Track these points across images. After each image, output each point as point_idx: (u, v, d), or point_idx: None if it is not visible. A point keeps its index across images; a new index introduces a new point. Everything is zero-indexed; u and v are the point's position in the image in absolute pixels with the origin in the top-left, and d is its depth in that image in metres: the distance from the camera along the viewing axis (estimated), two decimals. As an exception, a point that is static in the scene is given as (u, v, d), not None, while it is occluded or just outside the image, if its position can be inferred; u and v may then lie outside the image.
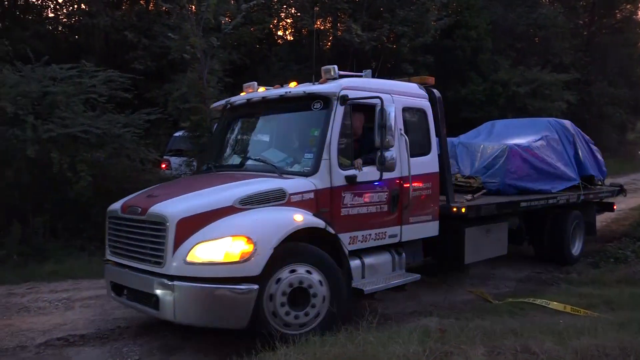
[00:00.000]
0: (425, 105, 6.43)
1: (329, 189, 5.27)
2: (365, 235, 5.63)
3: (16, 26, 16.07)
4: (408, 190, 5.92)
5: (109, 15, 15.58)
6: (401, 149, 5.87)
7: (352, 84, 5.67)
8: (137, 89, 11.49)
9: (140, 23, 16.01)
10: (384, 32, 16.04)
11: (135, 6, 17.96)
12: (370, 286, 5.48)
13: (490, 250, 7.46)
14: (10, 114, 8.31)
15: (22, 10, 18.51)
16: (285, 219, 4.89)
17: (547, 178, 8.62)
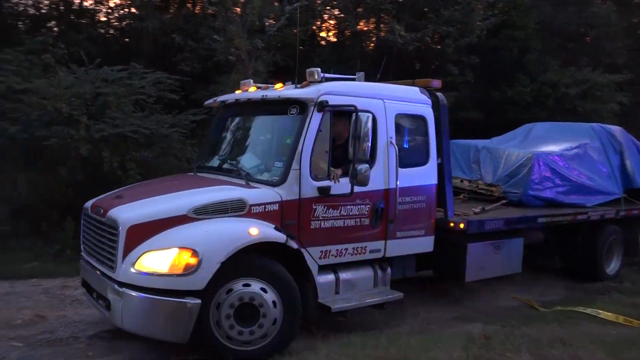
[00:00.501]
0: (425, 111, 6.00)
1: (297, 201, 4.97)
2: (340, 249, 5.30)
3: (71, 30, 16.73)
4: (394, 203, 5.55)
5: (158, 18, 16.00)
6: (390, 159, 5.54)
7: (335, 89, 5.28)
8: (183, 90, 11.76)
9: (187, 26, 16.36)
10: (428, 33, 15.83)
11: (183, 9, 18.38)
12: (341, 304, 5.18)
13: (499, 268, 6.83)
14: (66, 114, 8.67)
15: (77, 15, 19.25)
16: (237, 232, 4.64)
17: (580, 191, 7.93)
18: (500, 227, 6.67)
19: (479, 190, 8.06)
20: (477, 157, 8.27)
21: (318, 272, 5.13)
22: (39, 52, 10.23)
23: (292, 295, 4.79)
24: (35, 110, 8.78)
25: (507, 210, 7.35)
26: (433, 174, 6.01)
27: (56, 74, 9.51)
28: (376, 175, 5.41)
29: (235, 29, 10.36)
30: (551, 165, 7.70)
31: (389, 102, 5.65)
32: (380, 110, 5.53)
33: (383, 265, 5.69)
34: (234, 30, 10.38)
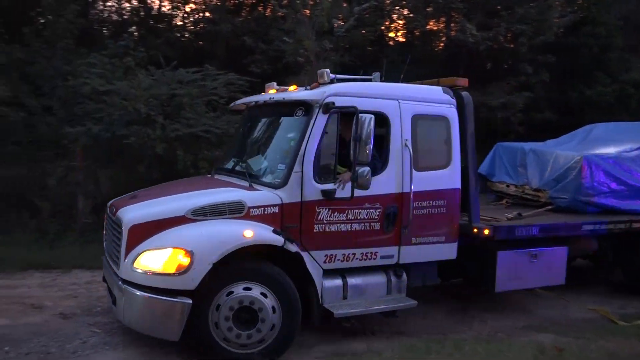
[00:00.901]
0: (447, 112, 5.68)
1: (298, 204, 4.90)
2: (348, 254, 5.16)
3: (150, 34, 17.58)
4: (408, 207, 5.31)
5: (231, 22, 16.50)
6: (405, 162, 5.34)
7: (343, 90, 5.17)
8: (253, 91, 12.03)
9: (258, 28, 16.76)
10: (501, 31, 15.32)
11: (254, 12, 18.84)
12: (345, 309, 5.04)
13: (537, 279, 6.35)
14: (144, 114, 9.14)
15: (155, 20, 20.21)
16: (231, 233, 4.64)
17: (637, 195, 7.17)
18: (534, 234, 6.22)
19: (524, 195, 7.57)
20: (524, 161, 7.76)
21: (323, 276, 5.04)
22: (121, 55, 10.84)
23: (291, 302, 4.77)
24: (116, 110, 9.32)
25: (550, 216, 6.87)
26: (455, 177, 5.69)
27: (136, 76, 10.04)
28: (388, 178, 5.29)
29: (304, 30, 10.49)
30: (604, 168, 7.10)
31: (405, 103, 5.45)
32: (395, 111, 5.37)
33: (398, 272, 5.46)
34: (303, 31, 10.52)
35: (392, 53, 18.44)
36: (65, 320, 5.63)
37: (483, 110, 15.88)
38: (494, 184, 8.24)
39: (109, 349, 4.80)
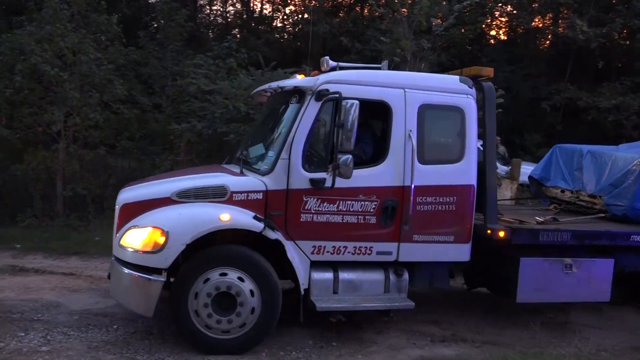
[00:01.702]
0: (462, 102, 5.20)
1: (284, 191, 4.75)
2: (338, 247, 4.91)
3: (251, 36, 18.33)
4: (409, 202, 4.94)
5: (328, 22, 16.75)
6: (406, 153, 4.98)
7: (340, 78, 4.97)
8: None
9: (354, 28, 16.88)
10: (616, 27, 14.19)
11: (352, 13, 18.97)
12: (329, 303, 4.81)
13: (572, 293, 5.62)
14: (243, 112, 9.54)
15: (257, 22, 21.01)
16: (207, 216, 4.61)
17: None
18: (564, 240, 5.48)
19: (579, 202, 6.86)
20: (580, 164, 7.04)
21: (313, 268, 4.88)
22: (224, 57, 11.39)
23: (270, 285, 4.68)
24: (218, 108, 9.82)
25: (596, 224, 6.15)
26: (469, 173, 5.20)
27: (237, 76, 10.51)
28: (388, 170, 4.98)
29: (402, 30, 10.39)
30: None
31: (411, 92, 5.09)
32: (399, 100, 5.04)
33: (398, 270, 5.11)
34: (400, 31, 10.41)
35: (493, 52, 17.78)
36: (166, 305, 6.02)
37: (592, 113, 14.82)
38: (548, 189, 7.50)
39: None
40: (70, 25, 10.32)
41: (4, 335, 4.61)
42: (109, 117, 10.46)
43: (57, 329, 4.88)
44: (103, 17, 11.22)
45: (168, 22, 12.93)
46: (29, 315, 5.28)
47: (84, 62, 9.85)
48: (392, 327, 5.40)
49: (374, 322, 5.51)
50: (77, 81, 9.91)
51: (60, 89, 9.55)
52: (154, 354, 4.43)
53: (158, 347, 4.63)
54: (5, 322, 4.91)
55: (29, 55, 9.47)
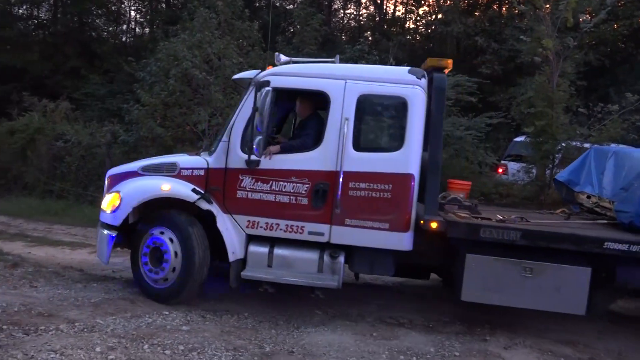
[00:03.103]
0: (406, 92, 5.30)
1: (222, 169, 5.44)
2: (271, 223, 5.37)
3: (383, 38, 18.39)
4: (339, 186, 5.18)
5: (462, 22, 16.24)
6: (340, 139, 5.25)
7: (282, 71, 5.56)
8: (481, 93, 11.69)
9: (491, 27, 16.17)
10: None
11: (488, 11, 18.19)
12: (254, 273, 5.34)
13: (533, 299, 5.13)
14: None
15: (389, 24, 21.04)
16: (152, 186, 5.57)
17: None
18: (513, 239, 5.05)
19: (596, 208, 6.26)
20: (604, 166, 6.26)
21: (251, 241, 5.43)
22: (356, 59, 11.58)
23: (189, 249, 5.37)
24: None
25: (579, 228, 5.52)
26: (407, 162, 5.27)
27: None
28: (321, 155, 5.31)
29: (544, 27, 9.72)
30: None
31: (352, 83, 5.38)
32: (338, 91, 5.36)
33: (334, 253, 5.34)
34: (543, 29, 9.75)
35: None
36: (292, 297, 6.30)
37: None
38: (578, 195, 6.80)
39: (328, 331, 5.19)
40: (217, 33, 11.21)
41: (152, 312, 5.15)
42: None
43: (195, 311, 5.34)
44: (246, 24, 12.01)
45: (304, 27, 13.46)
46: (173, 296, 5.84)
47: (227, 67, 10.66)
48: (520, 343, 5.10)
49: (500, 335, 5.25)
50: (221, 84, 10.75)
51: (206, 91, 10.43)
52: (279, 344, 4.66)
53: (283, 338, 4.86)
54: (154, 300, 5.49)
55: (181, 61, 10.48)
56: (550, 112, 9.25)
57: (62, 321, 4.66)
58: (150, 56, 13.29)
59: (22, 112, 15.46)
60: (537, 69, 10.23)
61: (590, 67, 12.65)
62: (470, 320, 5.64)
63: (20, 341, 4.12)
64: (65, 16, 23.64)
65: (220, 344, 4.42)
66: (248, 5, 13.28)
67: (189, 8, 13.45)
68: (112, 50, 21.83)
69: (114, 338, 4.29)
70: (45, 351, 3.89)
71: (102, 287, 5.93)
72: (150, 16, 25.33)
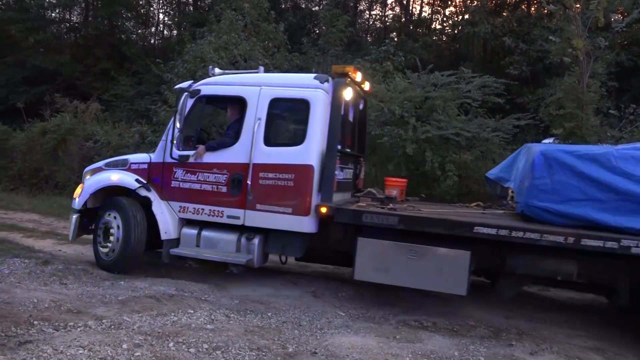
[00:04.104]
0: (309, 95, 6.13)
1: (160, 164, 6.56)
2: (197, 208, 6.39)
3: (409, 39, 18.27)
4: (252, 176, 6.11)
5: (490, 23, 16.03)
6: (255, 137, 6.16)
7: (210, 81, 6.73)
8: (509, 94, 11.53)
9: (519, 28, 15.92)
10: None
11: (516, 12, 17.91)
12: (180, 250, 6.40)
13: (417, 279, 5.68)
14: (398, 115, 9.58)
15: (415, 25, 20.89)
16: (106, 177, 6.88)
17: (636, 208, 5.18)
18: (392, 224, 5.66)
19: (510, 200, 6.61)
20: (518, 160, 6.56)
21: (185, 225, 6.53)
22: (381, 60, 11.54)
23: (130, 224, 6.46)
24: (374, 111, 9.98)
25: (465, 215, 6.07)
26: (308, 154, 6.03)
27: (393, 79, 10.57)
28: (238, 150, 6.26)
29: (574, 27, 9.53)
30: (577, 167, 5.47)
31: (266, 89, 6.33)
32: (254, 96, 6.31)
33: (249, 236, 6.19)
34: (573, 29, 9.56)
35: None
36: (315, 298, 6.30)
37: None
38: (507, 190, 6.99)
39: (351, 333, 5.17)
40: (243, 34, 11.31)
41: (177, 310, 5.22)
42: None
43: (220, 310, 5.39)
44: (272, 25, 12.09)
45: (329, 29, 13.48)
46: (198, 294, 5.91)
47: (253, 68, 10.72)
48: (547, 349, 5.00)
49: (526, 340, 5.16)
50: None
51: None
52: (302, 345, 4.66)
53: (306, 339, 4.86)
54: (179, 299, 5.56)
55: (208, 63, 10.59)
56: (580, 114, 9.07)
57: (90, 318, 4.76)
58: (178, 58, 13.49)
59: (54, 113, 15.87)
60: (567, 69, 10.04)
61: (621, 68, 12.34)
62: (495, 325, 5.56)
63: (50, 337, 4.22)
64: (96, 19, 24.15)
65: (244, 344, 4.45)
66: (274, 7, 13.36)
67: (215, 10, 13.62)
68: (141, 52, 22.23)
69: (140, 335, 4.36)
70: (74, 347, 3.97)
71: (129, 285, 6.03)
72: (177, 19, 25.70)
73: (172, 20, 26.83)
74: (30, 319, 4.50)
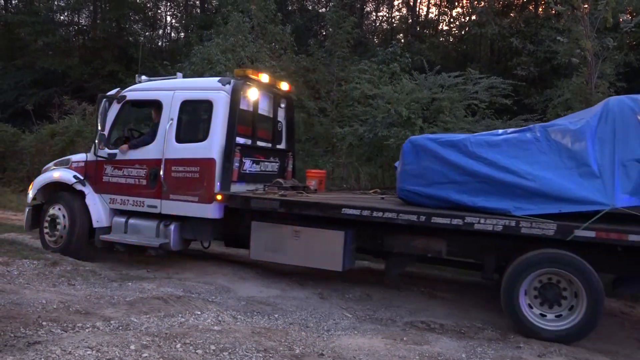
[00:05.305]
0: (212, 96, 6.89)
1: (94, 161, 7.38)
2: (123, 199, 7.24)
3: (416, 40, 18.24)
4: (165, 170, 6.91)
5: (497, 24, 15.97)
6: (168, 135, 6.95)
7: (135, 87, 7.58)
8: (516, 95, 11.48)
9: (527, 29, 15.85)
10: None
11: (524, 12, 17.83)
12: (108, 236, 7.19)
13: (301, 257, 6.43)
14: (405, 117, 9.56)
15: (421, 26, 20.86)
16: (49, 175, 7.76)
17: (506, 191, 5.51)
18: (275, 208, 6.43)
19: None
20: None
21: (116, 214, 7.32)
22: (388, 62, 11.52)
23: (74, 213, 7.33)
24: (380, 113, 9.97)
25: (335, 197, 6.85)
26: (210, 149, 6.78)
27: (400, 80, 10.56)
28: (154, 147, 7.08)
29: (582, 28, 9.47)
30: (437, 153, 5.87)
31: (179, 92, 7.13)
32: (168, 99, 7.10)
33: (166, 222, 6.97)
34: (581, 29, 9.51)
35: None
36: (322, 300, 6.30)
37: None
38: None
39: (358, 335, 5.16)
40: (250, 36, 11.33)
41: (184, 311, 5.24)
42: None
43: (227, 312, 5.40)
44: (278, 27, 12.11)
45: (336, 30, 13.49)
46: (205, 296, 5.93)
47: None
48: (555, 351, 4.96)
49: (534, 342, 5.12)
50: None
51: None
52: (309, 347, 4.66)
53: (313, 340, 4.86)
54: (186, 300, 5.58)
55: (215, 65, 10.63)
56: (588, 115, 8.99)
57: (98, 319, 4.78)
58: (185, 60, 13.54)
59: (62, 115, 15.97)
60: (575, 70, 9.98)
61: (630, 68, 12.25)
62: (503, 327, 5.53)
63: (58, 337, 4.24)
64: (104, 22, 24.31)
65: (251, 345, 4.46)
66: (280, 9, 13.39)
67: (222, 13, 13.66)
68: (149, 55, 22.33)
69: (147, 336, 4.37)
70: (82, 348, 3.99)
71: (136, 286, 6.06)
72: (185, 21, 25.82)
73: (180, 22, 26.96)
74: (39, 320, 4.53)
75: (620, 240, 5.04)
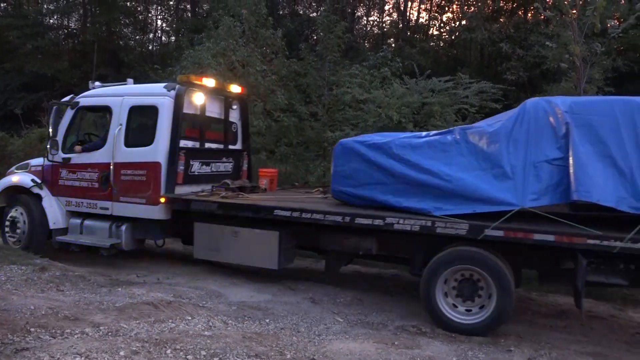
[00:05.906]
0: (158, 102, 7.12)
1: (50, 165, 7.66)
2: (78, 202, 7.51)
3: (406, 45, 18.33)
4: (115, 173, 7.19)
5: (487, 29, 16.10)
6: (117, 140, 7.21)
7: (87, 93, 7.80)
8: (506, 100, 11.56)
9: (516, 34, 15.99)
10: None
11: (513, 18, 17.99)
12: (64, 238, 7.46)
13: (240, 256, 6.73)
14: (395, 121, 9.59)
15: (412, 31, 20.97)
16: (9, 179, 8.07)
17: (425, 192, 5.72)
18: (213, 209, 6.68)
19: None
20: None
21: (72, 216, 7.58)
22: (378, 66, 11.56)
23: (34, 216, 7.61)
24: (371, 117, 9.99)
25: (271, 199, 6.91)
26: (156, 153, 7.03)
27: (391, 85, 10.60)
28: (104, 152, 7.33)
29: (571, 33, 9.57)
30: (365, 155, 6.07)
31: (127, 98, 7.36)
32: (117, 105, 7.33)
33: (118, 223, 7.25)
34: (569, 34, 9.60)
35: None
36: (314, 304, 6.28)
37: None
38: None
39: (349, 339, 5.14)
40: (241, 41, 11.32)
41: (175, 317, 5.20)
42: (270, 124, 11.24)
43: (218, 317, 5.37)
44: (269, 32, 12.11)
45: (327, 35, 13.52)
46: (196, 301, 5.89)
47: (251, 74, 10.75)
48: (545, 354, 4.99)
49: (524, 346, 5.14)
50: (245, 91, 10.83)
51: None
52: (300, 352, 4.65)
53: (305, 345, 4.85)
54: (177, 305, 5.54)
55: (206, 69, 10.61)
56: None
57: (88, 325, 4.74)
58: (176, 64, 13.50)
59: (51, 119, 15.80)
60: (564, 75, 10.07)
61: (618, 73, 12.39)
62: (494, 331, 5.54)
63: (47, 344, 4.19)
64: (94, 25, 24.18)
65: (241, 350, 4.44)
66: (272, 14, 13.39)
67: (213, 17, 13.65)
68: (139, 59, 22.25)
69: (137, 342, 4.34)
70: (71, 354, 3.95)
71: (126, 291, 6.01)
72: (175, 25, 25.78)
73: (170, 26, 26.90)
74: (27, 326, 4.48)
75: (526, 239, 5.20)
